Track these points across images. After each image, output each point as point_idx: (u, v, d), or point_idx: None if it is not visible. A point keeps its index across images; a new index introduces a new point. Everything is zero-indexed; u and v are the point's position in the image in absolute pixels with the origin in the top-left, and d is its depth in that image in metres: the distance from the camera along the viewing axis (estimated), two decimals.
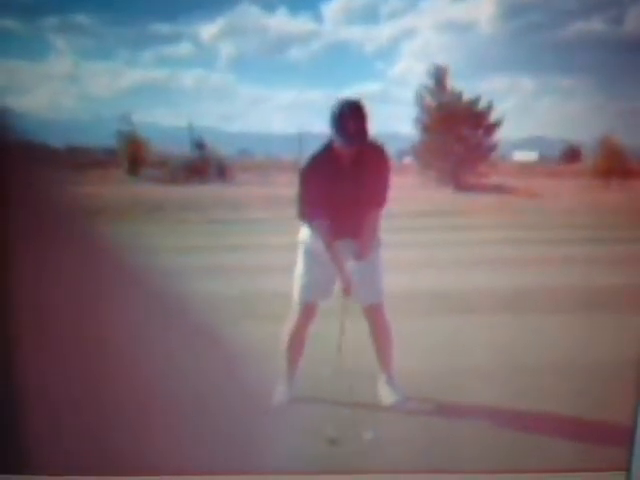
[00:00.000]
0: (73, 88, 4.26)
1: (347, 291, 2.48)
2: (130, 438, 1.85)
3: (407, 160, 5.04)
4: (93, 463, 1.85)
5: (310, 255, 2.53)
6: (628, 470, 1.90)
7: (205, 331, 2.06)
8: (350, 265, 2.51)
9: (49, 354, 1.85)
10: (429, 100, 4.77)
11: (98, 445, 1.86)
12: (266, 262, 3.29)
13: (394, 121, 4.45)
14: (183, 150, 5.08)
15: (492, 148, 4.93)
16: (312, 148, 2.53)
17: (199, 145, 5.06)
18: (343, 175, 2.45)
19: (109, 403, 1.87)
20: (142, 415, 1.87)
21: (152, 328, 1.92)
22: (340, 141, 2.41)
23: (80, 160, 4.31)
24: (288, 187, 2.63)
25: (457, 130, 4.87)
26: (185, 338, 1.99)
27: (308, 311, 2.54)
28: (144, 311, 1.93)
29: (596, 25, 3.93)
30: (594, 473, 2.00)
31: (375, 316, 2.55)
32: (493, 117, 4.69)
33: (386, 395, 2.54)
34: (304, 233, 2.55)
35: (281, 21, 4.03)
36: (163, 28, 4.09)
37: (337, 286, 2.52)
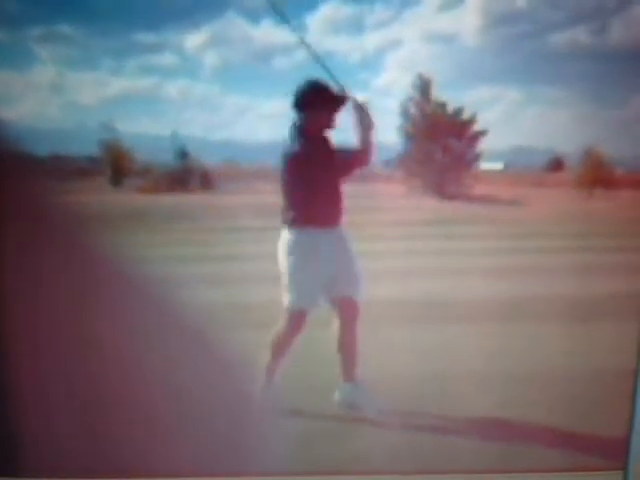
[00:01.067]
0: (57, 98, 4.23)
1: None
2: (127, 441, 1.83)
3: (393, 169, 5.05)
4: (90, 466, 1.83)
5: (296, 258, 2.44)
6: (625, 469, 1.90)
7: (194, 339, 2.04)
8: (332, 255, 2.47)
9: (43, 358, 1.83)
10: (414, 110, 4.79)
11: (95, 448, 1.84)
12: (251, 271, 3.28)
13: (379, 131, 4.47)
14: (167, 159, 5.05)
15: (476, 158, 4.96)
16: None
17: (182, 154, 5.03)
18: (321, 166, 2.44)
19: (106, 407, 1.85)
20: (140, 418, 1.85)
21: (143, 334, 1.90)
22: (316, 113, 2.42)
23: (64, 169, 4.27)
24: (274, 195, 2.61)
25: (442, 140, 4.89)
26: (174, 346, 1.97)
27: (297, 320, 2.45)
28: (132, 317, 1.92)
29: (581, 36, 3.98)
30: (591, 473, 2.00)
31: (349, 311, 2.43)
32: (477, 127, 4.72)
33: (364, 408, 2.44)
34: (284, 237, 2.46)
35: (266, 31, 4.03)
36: (148, 38, 4.08)
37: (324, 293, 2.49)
